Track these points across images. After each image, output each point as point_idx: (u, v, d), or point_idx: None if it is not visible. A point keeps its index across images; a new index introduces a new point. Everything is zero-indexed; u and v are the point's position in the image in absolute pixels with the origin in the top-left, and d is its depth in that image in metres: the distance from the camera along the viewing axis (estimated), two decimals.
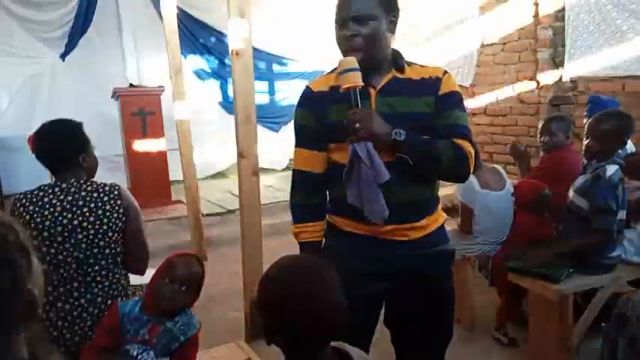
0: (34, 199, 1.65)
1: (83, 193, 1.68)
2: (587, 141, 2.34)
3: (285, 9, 6.90)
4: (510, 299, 2.74)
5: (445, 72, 1.53)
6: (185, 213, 4.50)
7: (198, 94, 6.52)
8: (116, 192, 1.72)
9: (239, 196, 2.77)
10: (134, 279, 1.86)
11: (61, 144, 1.72)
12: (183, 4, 5.67)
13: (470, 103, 6.08)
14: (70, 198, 1.67)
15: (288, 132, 7.23)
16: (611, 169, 2.27)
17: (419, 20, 6.53)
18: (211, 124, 6.60)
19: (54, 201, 1.66)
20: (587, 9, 4.84)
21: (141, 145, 5.10)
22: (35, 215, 1.63)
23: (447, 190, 3.48)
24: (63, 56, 5.70)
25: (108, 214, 1.68)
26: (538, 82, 5.41)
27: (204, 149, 6.40)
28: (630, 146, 3.01)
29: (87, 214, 1.66)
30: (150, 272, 2.01)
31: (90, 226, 1.66)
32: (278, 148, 7.27)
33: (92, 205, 1.67)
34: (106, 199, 1.69)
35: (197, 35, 6.50)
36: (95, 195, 1.69)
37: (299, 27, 7.24)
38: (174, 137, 4.25)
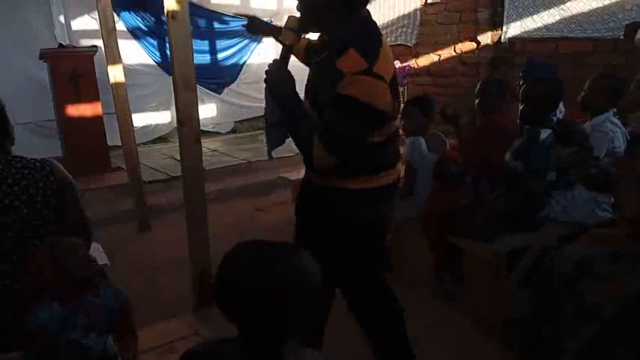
0: None
1: (13, 171, 1.59)
2: (521, 106, 2.47)
3: None
4: (446, 256, 2.86)
5: (359, 72, 1.51)
6: (126, 180, 4.36)
7: (135, 55, 6.19)
8: (48, 168, 1.64)
9: (181, 164, 2.70)
10: None
11: None
12: None
13: (413, 63, 6.15)
14: None
15: (231, 94, 7.07)
16: (545, 133, 2.41)
17: None
18: (150, 86, 6.31)
19: None
20: None
21: (75, 110, 4.81)
22: None
23: None
24: None
25: (41, 191, 1.60)
26: (478, 43, 5.52)
27: (143, 113, 6.16)
28: (562, 109, 3.14)
29: (18, 192, 1.58)
30: (93, 247, 1.94)
31: (22, 205, 1.58)
32: (222, 110, 7.09)
33: (24, 182, 1.59)
34: (37, 175, 1.61)
35: None
36: (26, 172, 1.60)
37: None
38: (111, 100, 4.05)
